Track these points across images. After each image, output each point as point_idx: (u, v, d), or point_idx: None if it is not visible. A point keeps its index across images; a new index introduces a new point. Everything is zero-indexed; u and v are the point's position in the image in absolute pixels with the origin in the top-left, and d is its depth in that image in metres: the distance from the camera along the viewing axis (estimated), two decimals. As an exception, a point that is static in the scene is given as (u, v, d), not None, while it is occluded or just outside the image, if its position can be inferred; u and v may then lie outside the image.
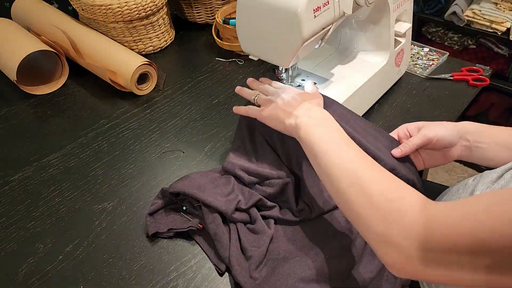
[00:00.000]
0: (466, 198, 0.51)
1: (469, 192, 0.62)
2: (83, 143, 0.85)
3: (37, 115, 0.94)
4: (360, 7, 0.73)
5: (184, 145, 0.83)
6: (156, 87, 0.99)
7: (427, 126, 0.67)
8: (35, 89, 1.00)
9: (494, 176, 0.61)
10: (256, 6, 0.64)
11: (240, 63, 1.06)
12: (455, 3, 1.82)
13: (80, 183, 0.77)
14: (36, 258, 0.65)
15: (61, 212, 0.72)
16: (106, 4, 0.99)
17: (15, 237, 0.68)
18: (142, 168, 0.79)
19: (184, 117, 0.91)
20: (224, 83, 1.00)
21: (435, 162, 0.71)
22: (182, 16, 1.24)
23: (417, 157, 0.70)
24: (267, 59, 0.71)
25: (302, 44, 0.64)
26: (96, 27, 1.07)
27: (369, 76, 0.82)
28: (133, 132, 0.88)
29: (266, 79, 0.74)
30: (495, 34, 1.77)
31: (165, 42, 1.14)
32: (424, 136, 0.66)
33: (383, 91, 0.91)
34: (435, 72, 0.98)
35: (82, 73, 1.03)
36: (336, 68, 0.85)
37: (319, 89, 0.79)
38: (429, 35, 2.05)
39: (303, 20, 0.61)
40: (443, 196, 0.69)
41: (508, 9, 1.73)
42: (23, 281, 0.62)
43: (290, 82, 0.80)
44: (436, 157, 0.70)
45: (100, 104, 0.96)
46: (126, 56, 0.97)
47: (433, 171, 2.07)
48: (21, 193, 0.75)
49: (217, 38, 1.09)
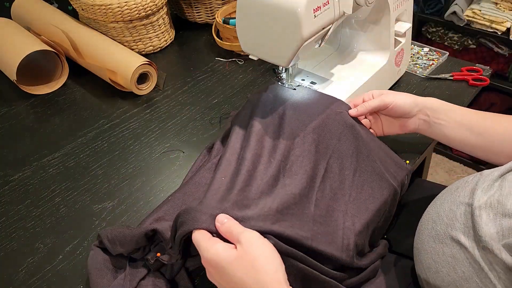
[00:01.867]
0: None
1: (469, 190, 0.63)
2: (83, 143, 0.85)
3: (37, 115, 0.94)
4: (360, 6, 0.73)
5: (184, 145, 0.83)
6: (156, 87, 0.99)
7: (388, 92, 0.71)
8: (35, 89, 1.00)
9: (496, 174, 0.61)
10: (256, 6, 0.64)
11: (240, 63, 1.06)
12: (455, 3, 1.82)
13: (80, 183, 0.77)
14: (36, 258, 0.65)
15: (61, 212, 0.72)
16: (106, 4, 0.99)
17: (15, 237, 0.68)
18: (142, 168, 0.79)
19: (184, 117, 0.91)
20: (224, 83, 1.00)
21: (392, 130, 0.75)
22: (182, 16, 1.24)
23: (377, 122, 0.75)
24: (267, 59, 0.71)
25: (302, 44, 0.64)
26: (96, 27, 1.07)
27: (369, 76, 0.82)
28: (133, 132, 0.88)
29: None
30: (495, 34, 1.77)
31: (165, 42, 1.14)
32: (382, 101, 0.70)
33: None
34: (435, 72, 0.98)
35: (82, 73, 1.03)
36: (336, 68, 0.85)
37: (318, 89, 0.79)
38: (429, 35, 2.05)
39: (303, 20, 0.61)
40: (443, 195, 0.69)
41: (508, 9, 1.73)
42: (23, 281, 0.62)
43: (290, 82, 0.80)
44: (394, 125, 0.74)
45: (100, 104, 0.96)
46: (126, 56, 0.97)
47: (433, 171, 2.08)
48: (21, 193, 0.75)
49: (217, 38, 1.09)
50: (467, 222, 0.60)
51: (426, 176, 1.16)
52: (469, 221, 0.60)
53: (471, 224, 0.60)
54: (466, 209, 0.61)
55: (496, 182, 0.60)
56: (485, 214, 0.58)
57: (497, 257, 0.55)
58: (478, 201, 0.60)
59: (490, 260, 0.57)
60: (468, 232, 0.60)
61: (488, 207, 0.58)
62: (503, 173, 0.61)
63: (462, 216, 0.62)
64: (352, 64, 0.86)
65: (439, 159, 2.14)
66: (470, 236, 0.59)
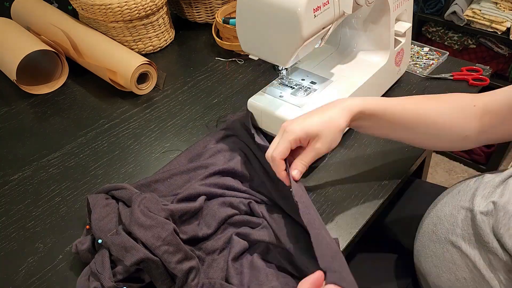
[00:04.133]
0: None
1: (471, 195, 0.62)
2: (83, 143, 0.85)
3: (37, 114, 0.94)
4: (360, 6, 0.73)
5: (184, 145, 0.83)
6: (156, 87, 0.99)
7: (320, 140, 0.59)
8: (35, 88, 1.00)
9: (497, 180, 0.60)
10: (256, 6, 0.64)
11: (240, 62, 1.06)
12: (455, 2, 1.82)
13: (80, 182, 0.77)
14: (36, 258, 0.65)
15: (61, 212, 0.72)
16: (106, 4, 0.99)
17: (15, 237, 0.68)
18: (142, 168, 0.79)
19: (184, 117, 0.91)
20: (224, 83, 1.00)
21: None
22: (182, 15, 1.24)
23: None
24: (267, 58, 0.71)
25: (302, 44, 0.64)
26: (96, 27, 1.07)
27: (369, 75, 0.82)
28: (133, 132, 0.88)
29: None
30: (495, 33, 1.77)
31: (165, 41, 1.14)
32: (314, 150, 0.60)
33: (383, 90, 0.91)
34: (435, 72, 0.98)
35: (82, 73, 1.03)
36: (336, 67, 0.84)
37: (318, 89, 0.79)
38: (429, 34, 2.05)
39: (303, 19, 0.61)
40: (444, 197, 0.69)
41: (508, 8, 1.73)
42: (23, 281, 0.62)
43: (289, 81, 0.80)
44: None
45: (100, 104, 0.96)
46: (126, 55, 0.97)
47: (433, 170, 2.08)
48: (21, 193, 0.75)
49: (217, 37, 1.08)
50: (468, 228, 0.60)
51: (426, 177, 1.16)
52: (470, 227, 0.59)
53: (472, 231, 0.59)
54: (467, 215, 0.61)
55: (499, 188, 0.59)
56: (487, 220, 0.57)
57: (502, 261, 0.54)
58: (479, 207, 0.59)
59: (495, 266, 0.56)
60: (469, 239, 0.59)
61: (491, 213, 0.57)
62: (505, 178, 0.60)
63: (463, 222, 0.61)
64: (352, 64, 0.85)
65: (439, 159, 2.14)
66: (471, 242, 0.59)
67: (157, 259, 0.55)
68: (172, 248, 0.56)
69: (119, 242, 0.57)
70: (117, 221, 0.61)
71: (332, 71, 0.83)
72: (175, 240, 0.56)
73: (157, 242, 0.55)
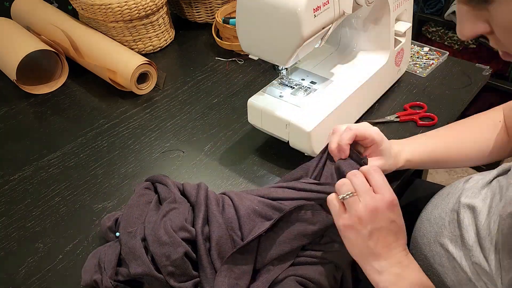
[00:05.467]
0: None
1: (457, 197, 0.63)
2: (82, 143, 0.85)
3: (37, 114, 0.94)
4: (360, 6, 0.73)
5: (184, 145, 0.83)
6: (156, 87, 0.99)
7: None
8: (35, 88, 1.00)
9: (481, 183, 0.61)
10: (256, 6, 0.64)
11: (240, 62, 1.06)
12: (455, 2, 1.82)
13: (80, 182, 0.77)
14: (36, 258, 0.65)
15: (61, 212, 0.72)
16: (106, 4, 0.99)
17: (15, 237, 0.68)
18: (142, 168, 0.79)
19: (184, 116, 0.91)
20: (224, 83, 1.00)
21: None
22: (182, 15, 1.24)
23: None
24: (267, 58, 0.71)
25: (302, 44, 0.64)
26: (96, 27, 1.07)
27: (369, 75, 0.82)
28: (133, 132, 0.88)
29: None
30: (495, 33, 1.77)
31: (165, 41, 1.14)
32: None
33: (383, 90, 0.91)
34: (434, 72, 0.98)
35: (82, 73, 1.03)
36: (336, 67, 0.84)
37: (318, 89, 0.79)
38: (429, 34, 2.05)
39: (303, 19, 0.61)
40: (435, 199, 0.70)
41: (508, 8, 1.73)
42: (23, 280, 0.62)
43: (289, 81, 0.80)
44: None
45: (100, 104, 0.96)
46: (126, 55, 0.97)
47: (433, 170, 2.07)
48: (21, 193, 0.75)
49: (217, 37, 1.08)
50: (455, 230, 0.60)
51: (426, 177, 1.16)
52: (457, 229, 0.60)
53: (458, 233, 0.59)
54: (453, 217, 0.61)
55: (483, 190, 0.60)
56: (472, 222, 0.58)
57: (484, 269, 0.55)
58: (463, 208, 0.59)
59: (477, 270, 0.57)
60: (455, 241, 0.60)
61: (474, 215, 0.58)
62: (490, 180, 0.61)
63: (450, 224, 0.61)
64: (352, 64, 0.85)
65: (439, 159, 2.14)
66: (458, 245, 0.59)
67: (160, 276, 0.55)
68: (179, 271, 0.55)
69: (131, 245, 0.57)
70: (144, 215, 0.61)
71: (332, 71, 0.83)
72: (183, 264, 0.56)
73: (165, 261, 0.55)
